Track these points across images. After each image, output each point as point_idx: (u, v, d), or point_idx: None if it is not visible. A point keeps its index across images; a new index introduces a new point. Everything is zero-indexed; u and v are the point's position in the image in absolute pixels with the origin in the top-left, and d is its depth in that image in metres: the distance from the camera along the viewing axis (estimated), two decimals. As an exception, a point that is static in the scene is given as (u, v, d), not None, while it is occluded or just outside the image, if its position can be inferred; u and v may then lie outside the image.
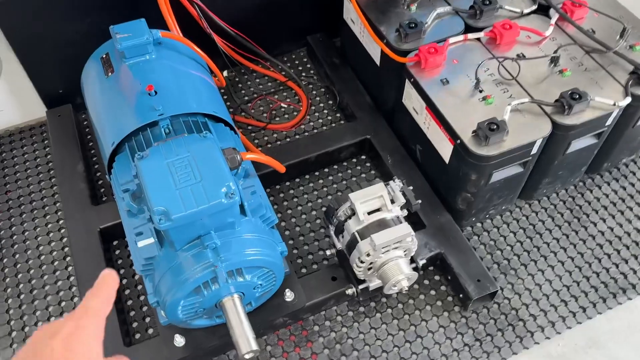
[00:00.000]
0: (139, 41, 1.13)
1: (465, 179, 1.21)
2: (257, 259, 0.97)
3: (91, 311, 0.58)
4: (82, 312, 0.57)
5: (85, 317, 0.57)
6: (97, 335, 0.56)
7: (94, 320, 0.57)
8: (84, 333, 0.55)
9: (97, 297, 0.60)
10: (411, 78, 1.27)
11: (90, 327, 0.56)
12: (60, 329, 0.54)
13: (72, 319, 0.56)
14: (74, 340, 0.54)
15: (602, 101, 1.18)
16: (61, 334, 0.54)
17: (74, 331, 0.55)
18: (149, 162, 0.91)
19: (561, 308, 1.25)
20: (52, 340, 0.53)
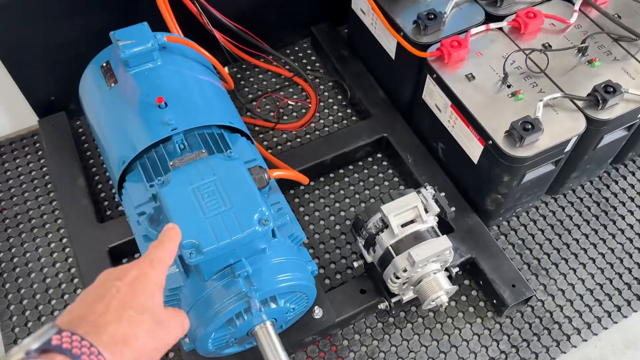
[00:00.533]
0: (144, 48, 1.04)
1: (497, 181, 1.15)
2: (290, 284, 0.90)
3: (155, 261, 0.59)
4: (146, 262, 0.59)
5: (150, 266, 0.58)
6: (159, 284, 0.58)
7: (157, 270, 0.59)
8: (148, 279, 0.57)
9: (161, 248, 0.62)
10: (433, 74, 1.20)
11: (153, 275, 0.58)
12: (126, 273, 0.56)
13: (136, 267, 0.57)
14: (138, 284, 0.56)
15: (635, 93, 1.13)
16: (127, 277, 0.56)
17: (139, 276, 0.56)
18: (173, 189, 0.83)
19: (596, 308, 1.21)
20: (119, 281, 0.55)
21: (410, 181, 1.35)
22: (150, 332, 0.54)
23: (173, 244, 0.63)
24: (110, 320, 0.52)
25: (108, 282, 0.56)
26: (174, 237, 0.64)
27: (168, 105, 1.02)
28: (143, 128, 1.00)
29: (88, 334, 0.50)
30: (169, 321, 0.57)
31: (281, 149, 1.44)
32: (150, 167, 0.98)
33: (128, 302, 0.54)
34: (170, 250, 0.62)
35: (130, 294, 0.55)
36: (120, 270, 0.57)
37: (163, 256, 0.61)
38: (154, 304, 0.56)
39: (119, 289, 0.55)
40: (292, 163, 1.31)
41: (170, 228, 0.65)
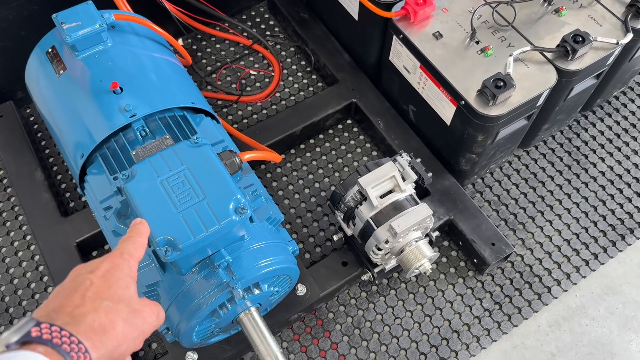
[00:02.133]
0: (91, 30, 0.96)
1: (471, 140, 1.13)
2: (272, 269, 0.88)
3: (126, 254, 0.60)
4: (117, 254, 0.60)
5: (121, 258, 0.59)
6: (132, 275, 0.59)
7: (128, 261, 0.60)
8: (120, 271, 0.58)
9: (130, 242, 0.62)
10: (400, 34, 1.16)
11: (125, 266, 0.59)
12: (98, 266, 0.57)
13: (107, 260, 0.58)
14: (111, 276, 0.56)
15: (604, 41, 1.11)
16: (99, 270, 0.57)
17: (111, 268, 0.57)
18: (139, 184, 0.78)
19: (574, 258, 1.23)
20: (92, 274, 0.56)
21: (382, 146, 1.33)
22: (127, 321, 0.55)
23: (142, 238, 0.64)
24: (87, 310, 0.52)
25: (81, 276, 0.56)
26: (143, 231, 0.65)
27: (124, 89, 0.95)
28: (99, 117, 0.93)
29: (67, 325, 0.50)
30: (145, 309, 0.58)
31: (247, 122, 1.38)
32: (112, 158, 0.92)
33: (103, 293, 0.55)
34: (140, 244, 0.63)
35: (105, 285, 0.55)
36: (92, 264, 0.58)
37: (133, 249, 0.62)
38: (129, 293, 0.57)
39: (93, 281, 0.55)
40: (260, 137, 1.26)
41: (138, 222, 0.66)
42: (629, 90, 1.45)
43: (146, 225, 0.66)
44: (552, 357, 1.14)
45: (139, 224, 0.66)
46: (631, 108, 1.43)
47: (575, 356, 1.14)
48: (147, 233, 0.66)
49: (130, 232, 0.65)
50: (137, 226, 0.66)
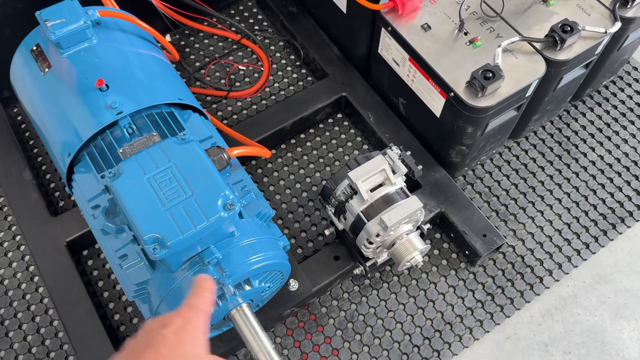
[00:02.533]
0: (76, 27, 0.95)
1: (461, 132, 1.13)
2: (263, 264, 0.87)
3: (197, 309, 0.60)
4: (188, 309, 0.59)
5: (193, 313, 0.59)
6: (203, 330, 0.59)
7: (199, 316, 0.59)
8: (192, 326, 0.57)
9: (199, 297, 0.62)
10: (388, 27, 1.15)
11: (197, 322, 0.58)
12: (170, 321, 0.57)
13: (179, 315, 0.58)
14: (183, 332, 0.56)
15: (592, 30, 1.11)
16: (172, 325, 0.56)
17: (184, 324, 0.57)
18: (126, 182, 0.77)
19: (565, 248, 1.23)
20: (165, 329, 0.55)
21: (373, 140, 1.32)
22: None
23: (209, 294, 0.63)
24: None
25: (155, 331, 0.56)
26: (210, 287, 0.64)
27: (110, 86, 0.94)
28: (86, 115, 0.93)
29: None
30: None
31: (237, 118, 1.38)
32: (99, 156, 0.91)
33: (176, 350, 0.54)
34: (208, 300, 0.63)
35: (177, 341, 0.55)
36: (164, 319, 0.58)
37: (202, 303, 0.61)
38: (200, 352, 0.57)
39: (165, 337, 0.55)
40: (250, 133, 1.25)
41: (203, 279, 0.65)
42: (619, 80, 1.46)
43: (212, 281, 0.65)
44: (545, 347, 1.14)
45: (203, 279, 0.65)
46: (621, 97, 1.43)
47: (568, 345, 1.14)
48: (214, 289, 0.65)
49: (196, 288, 0.64)
50: (203, 282, 0.65)
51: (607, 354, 1.14)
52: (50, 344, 1.11)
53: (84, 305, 1.09)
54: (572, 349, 1.14)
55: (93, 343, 1.06)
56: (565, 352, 1.14)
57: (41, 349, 1.11)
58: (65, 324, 1.07)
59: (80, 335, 1.06)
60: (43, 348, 1.11)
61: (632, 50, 1.36)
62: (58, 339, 1.12)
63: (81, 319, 1.08)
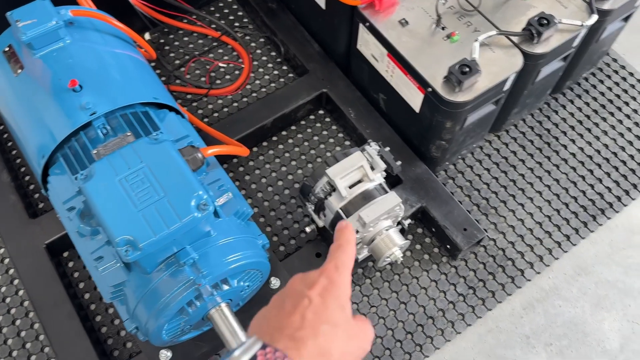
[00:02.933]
0: (48, 27, 0.94)
1: (440, 127, 1.13)
2: (241, 264, 0.87)
3: (341, 267, 0.58)
4: (332, 268, 0.57)
5: (337, 273, 0.57)
6: (347, 292, 0.57)
7: (343, 276, 0.57)
8: (337, 288, 0.56)
9: (342, 251, 0.59)
10: (366, 22, 1.15)
11: (341, 283, 0.56)
12: (316, 281, 0.55)
13: (324, 275, 0.56)
14: (328, 295, 0.55)
15: (569, 23, 1.11)
16: (317, 287, 0.55)
17: (328, 286, 0.55)
18: (97, 183, 0.77)
19: (546, 240, 1.24)
20: (310, 291, 0.54)
21: (354, 136, 1.32)
22: (342, 348, 0.53)
23: (351, 247, 0.61)
24: (307, 335, 0.51)
25: (301, 293, 0.55)
26: (351, 239, 0.62)
27: (83, 87, 0.94)
28: (59, 116, 0.92)
29: (288, 349, 0.49)
30: (359, 334, 0.56)
31: (218, 116, 1.37)
32: (73, 157, 0.91)
33: (322, 315, 0.53)
34: (351, 254, 0.60)
35: (323, 305, 0.54)
36: (309, 277, 0.57)
37: (347, 260, 0.59)
38: (345, 316, 0.55)
39: (312, 300, 0.54)
40: (231, 131, 1.25)
41: (344, 227, 0.63)
42: (598, 72, 1.46)
43: (352, 229, 0.63)
44: (527, 339, 1.15)
45: (344, 228, 0.63)
46: (601, 89, 1.44)
47: (550, 337, 1.15)
48: (355, 239, 0.63)
49: (338, 239, 0.61)
50: (345, 232, 0.62)
51: (588, 345, 1.15)
52: (31, 347, 1.11)
53: (65, 307, 1.08)
54: (553, 341, 1.15)
55: (74, 345, 1.05)
56: (547, 343, 1.15)
57: (22, 352, 1.10)
58: (46, 326, 1.07)
59: (61, 337, 1.06)
60: (24, 351, 1.10)
61: (610, 42, 1.36)
62: (39, 342, 1.11)
63: (62, 321, 1.07)
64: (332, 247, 0.60)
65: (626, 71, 1.46)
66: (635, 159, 1.34)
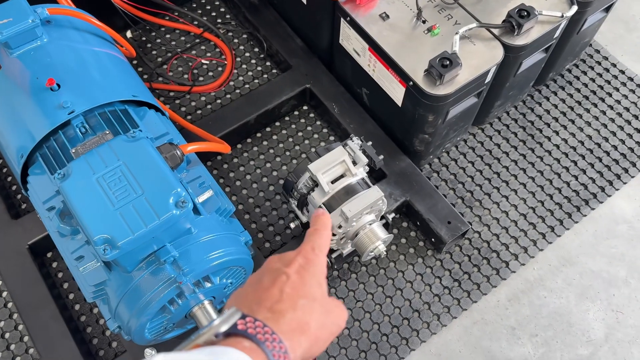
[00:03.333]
0: (24, 26, 0.93)
1: (422, 121, 1.13)
2: (223, 261, 0.87)
3: (317, 249, 0.59)
4: (308, 249, 0.59)
5: (313, 254, 0.58)
6: (323, 271, 0.58)
7: (319, 257, 0.59)
8: (313, 266, 0.57)
9: (317, 235, 0.61)
10: (347, 17, 1.14)
11: (318, 262, 0.58)
12: (292, 260, 0.56)
13: (301, 254, 0.58)
14: (305, 272, 0.56)
15: (549, 14, 1.11)
16: (294, 264, 0.56)
17: (305, 264, 0.56)
18: (74, 182, 0.76)
19: (531, 232, 1.24)
20: (287, 268, 0.55)
21: (339, 131, 1.32)
22: (320, 322, 0.54)
23: (327, 231, 0.62)
24: (286, 307, 0.52)
25: (278, 270, 0.55)
26: (327, 223, 0.63)
27: (61, 86, 0.93)
28: (37, 115, 0.91)
29: (268, 320, 0.50)
30: (335, 310, 0.57)
31: (201, 113, 1.36)
32: (52, 157, 0.90)
33: (299, 290, 0.54)
34: (326, 237, 0.62)
35: (300, 282, 0.54)
36: (286, 256, 0.58)
37: (322, 243, 0.60)
38: (321, 292, 0.56)
39: (289, 276, 0.54)
40: (214, 128, 1.24)
41: (321, 214, 0.64)
42: (581, 63, 1.47)
43: (328, 215, 0.64)
44: (512, 330, 1.15)
45: (321, 214, 0.64)
46: (584, 80, 1.44)
47: (535, 328, 1.16)
48: (330, 223, 0.64)
49: (314, 224, 0.63)
50: (320, 217, 0.63)
51: (573, 335, 1.15)
52: (15, 348, 1.10)
53: (49, 308, 1.08)
54: (539, 332, 1.15)
55: (59, 346, 1.05)
56: (532, 334, 1.15)
57: (6, 354, 1.09)
58: (30, 327, 1.06)
59: (45, 338, 1.05)
60: (8, 353, 1.10)
61: (592, 34, 1.37)
62: (23, 343, 1.11)
63: (46, 322, 1.06)
64: (309, 231, 0.62)
65: (609, 62, 1.47)
66: (619, 150, 1.35)
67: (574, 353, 1.13)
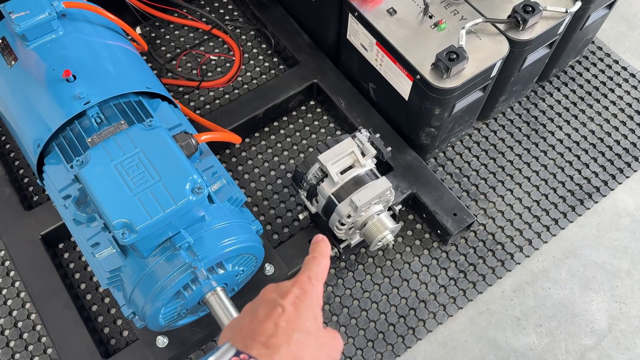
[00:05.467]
0: (41, 18, 0.95)
1: (428, 114, 1.15)
2: (235, 248, 0.89)
3: (314, 278, 0.58)
4: (305, 279, 0.58)
5: (309, 284, 0.58)
6: (319, 302, 0.58)
7: (316, 287, 0.58)
8: (309, 298, 0.56)
9: (315, 264, 0.60)
10: (355, 12, 1.17)
11: (314, 293, 0.57)
12: (289, 291, 0.56)
13: (297, 285, 0.57)
14: (301, 303, 0.55)
15: (553, 10, 1.14)
16: (290, 296, 0.55)
17: (301, 296, 0.56)
18: (93, 169, 0.78)
19: (535, 224, 1.26)
20: (284, 300, 0.55)
21: (345, 125, 1.34)
22: (314, 355, 0.54)
23: (326, 259, 0.61)
24: (280, 342, 0.52)
25: (274, 301, 0.55)
26: (326, 251, 0.62)
27: (77, 77, 0.95)
28: (53, 106, 0.93)
29: (262, 356, 0.50)
30: (330, 343, 0.57)
31: (210, 108, 1.38)
32: (68, 146, 0.92)
33: (294, 323, 0.54)
34: (324, 266, 0.61)
35: (295, 314, 0.54)
36: (282, 286, 0.57)
37: (319, 272, 0.60)
38: (317, 325, 0.56)
39: (285, 309, 0.54)
40: (223, 122, 1.26)
41: (320, 240, 0.63)
42: (584, 59, 1.49)
43: (328, 243, 0.63)
44: (517, 321, 1.17)
45: (320, 241, 0.63)
46: (586, 76, 1.46)
47: (539, 319, 1.18)
48: (329, 252, 0.63)
49: (313, 251, 0.62)
50: (320, 244, 0.63)
51: (577, 325, 1.17)
52: (28, 337, 1.12)
53: (61, 297, 1.09)
54: (543, 322, 1.17)
55: (71, 334, 1.06)
56: (537, 325, 1.17)
57: (19, 343, 1.11)
58: (43, 317, 1.08)
59: (58, 327, 1.07)
60: (21, 342, 1.11)
61: (595, 30, 1.39)
62: (36, 332, 1.12)
63: (58, 311, 1.08)
64: (307, 258, 0.61)
65: (611, 59, 1.49)
66: (621, 144, 1.37)
67: (578, 343, 1.15)
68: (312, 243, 0.63)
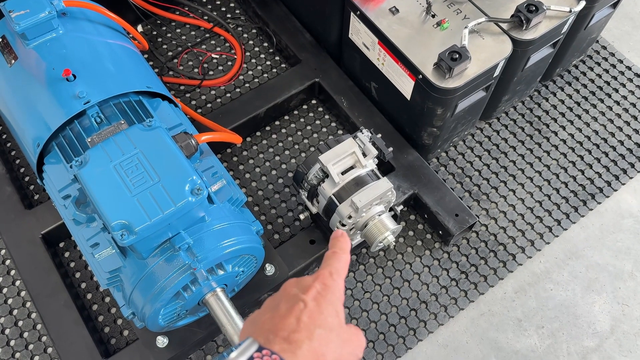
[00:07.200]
0: (41, 17, 0.94)
1: (431, 114, 1.14)
2: (235, 249, 0.88)
3: (335, 273, 0.58)
4: (326, 274, 0.57)
5: (331, 279, 0.57)
6: (341, 298, 0.57)
7: (337, 282, 0.57)
8: (331, 293, 0.56)
9: (336, 259, 0.60)
10: (357, 11, 1.16)
11: (335, 288, 0.57)
12: (310, 286, 0.55)
13: (319, 280, 0.57)
14: (322, 299, 0.55)
15: (557, 9, 1.13)
16: (311, 291, 0.55)
17: (322, 291, 0.55)
18: (92, 169, 0.78)
19: (537, 225, 1.26)
20: (305, 295, 0.54)
21: (347, 125, 1.33)
22: (336, 352, 0.53)
23: (346, 255, 0.61)
24: (303, 337, 0.51)
25: (295, 296, 0.55)
26: (345, 246, 0.62)
27: (77, 76, 0.94)
28: (53, 105, 0.93)
29: (284, 352, 0.49)
30: (352, 339, 0.56)
31: (211, 107, 1.38)
32: (68, 146, 0.91)
33: (316, 319, 0.53)
34: (345, 261, 0.60)
35: (317, 310, 0.54)
36: (304, 281, 0.57)
37: (340, 268, 0.59)
38: (338, 321, 0.55)
39: (306, 304, 0.54)
40: (224, 121, 1.26)
41: (339, 236, 0.62)
42: (588, 59, 1.48)
43: (347, 238, 0.63)
44: (519, 322, 1.17)
45: (340, 236, 0.62)
46: (590, 76, 1.45)
47: (541, 320, 1.17)
48: (349, 247, 0.62)
49: (333, 246, 0.61)
50: (339, 239, 0.62)
51: (579, 327, 1.16)
52: (28, 336, 1.12)
53: (61, 296, 1.09)
54: (545, 324, 1.17)
55: (71, 334, 1.06)
56: (539, 326, 1.16)
57: (20, 342, 1.11)
58: (43, 316, 1.07)
59: (58, 326, 1.07)
60: (21, 340, 1.11)
61: (599, 29, 1.38)
62: (36, 331, 1.12)
63: (58, 310, 1.08)
64: (327, 254, 0.61)
65: (615, 58, 1.48)
66: (625, 145, 1.36)
67: (580, 345, 1.14)
68: (332, 238, 0.62)
